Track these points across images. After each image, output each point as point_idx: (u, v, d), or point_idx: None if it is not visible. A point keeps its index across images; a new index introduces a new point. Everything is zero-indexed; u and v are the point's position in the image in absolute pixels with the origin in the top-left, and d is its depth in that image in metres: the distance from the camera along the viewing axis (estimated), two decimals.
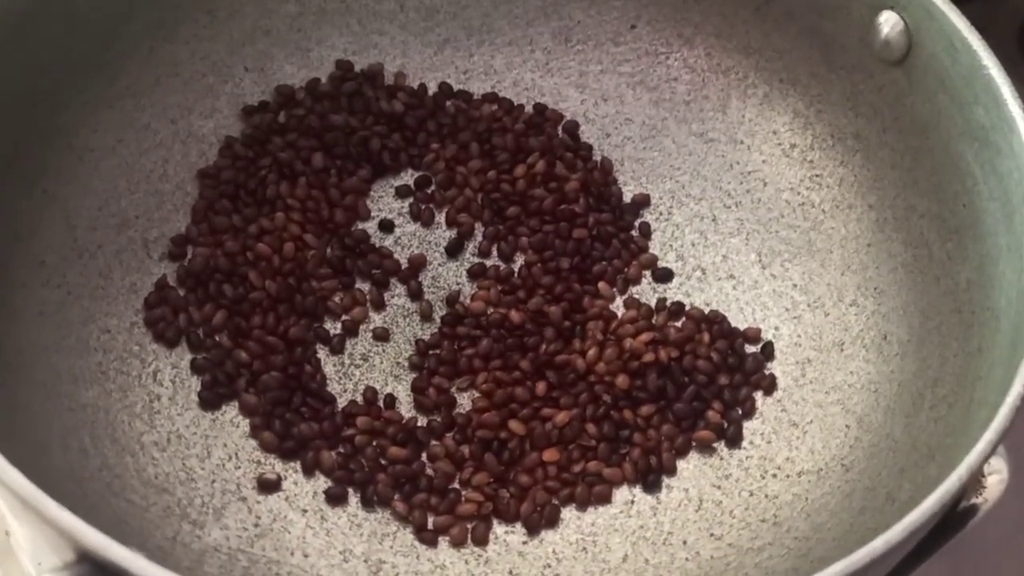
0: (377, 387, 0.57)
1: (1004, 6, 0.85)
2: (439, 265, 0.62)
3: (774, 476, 0.55)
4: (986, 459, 0.41)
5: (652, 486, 0.55)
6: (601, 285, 0.61)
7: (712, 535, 0.53)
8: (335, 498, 0.54)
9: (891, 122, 0.58)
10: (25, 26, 0.54)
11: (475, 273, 0.61)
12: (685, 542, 0.53)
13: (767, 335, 0.59)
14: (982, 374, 0.47)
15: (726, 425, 0.57)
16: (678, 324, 0.60)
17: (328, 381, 0.58)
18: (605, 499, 0.55)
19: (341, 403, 0.57)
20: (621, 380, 0.57)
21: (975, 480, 0.59)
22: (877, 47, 0.56)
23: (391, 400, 0.57)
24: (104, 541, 0.38)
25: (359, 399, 0.57)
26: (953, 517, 0.58)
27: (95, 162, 0.59)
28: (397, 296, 0.61)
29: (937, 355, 0.53)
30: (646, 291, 0.61)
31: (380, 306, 0.60)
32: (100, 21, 0.58)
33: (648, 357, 0.58)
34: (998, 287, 0.49)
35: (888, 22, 0.55)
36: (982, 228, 0.52)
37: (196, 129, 0.63)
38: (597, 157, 0.65)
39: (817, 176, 0.62)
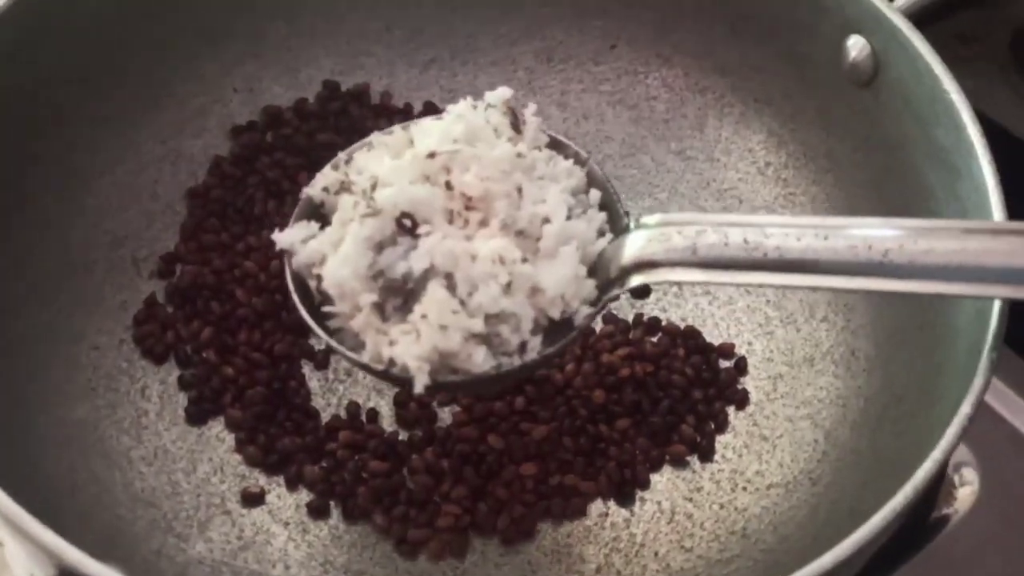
0: (360, 402, 0.59)
1: (996, 15, 0.86)
2: None
3: (744, 489, 0.56)
4: (934, 478, 0.43)
5: (626, 499, 0.56)
6: None
7: (683, 547, 0.55)
8: (317, 511, 0.56)
9: (861, 142, 0.59)
10: (20, 50, 0.56)
11: None
12: (656, 553, 0.55)
13: (741, 350, 0.61)
14: (941, 391, 0.49)
15: (699, 439, 0.58)
16: (654, 339, 0.61)
17: (312, 396, 0.59)
18: (580, 512, 0.56)
19: (325, 417, 0.58)
20: (598, 394, 0.58)
21: (947, 492, 0.60)
22: (846, 69, 0.58)
23: (373, 414, 0.59)
24: (81, 558, 0.40)
25: (342, 413, 0.59)
26: (925, 527, 0.59)
27: (87, 182, 0.61)
28: None
29: (902, 371, 0.54)
30: (624, 306, 0.63)
31: None
32: (92, 45, 0.59)
33: (624, 372, 0.59)
34: (957, 306, 0.50)
35: (856, 46, 0.57)
36: None
37: (186, 149, 0.64)
38: None
39: (791, 194, 0.64)
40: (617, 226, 0.47)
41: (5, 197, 0.56)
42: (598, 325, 0.62)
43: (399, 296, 0.44)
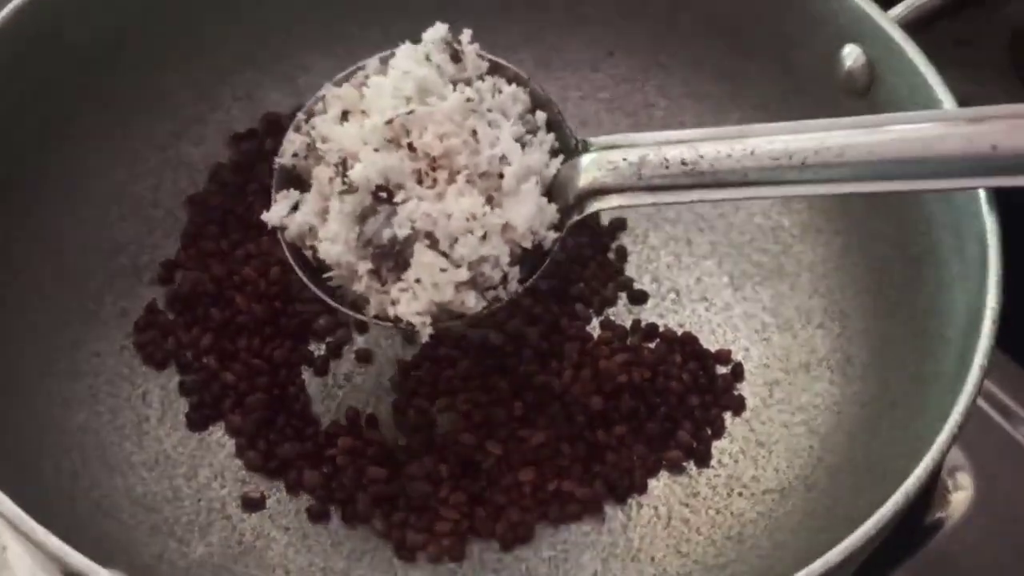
0: (359, 407, 0.59)
1: (994, 18, 0.86)
2: None
3: (740, 494, 0.57)
4: (925, 484, 0.43)
5: (623, 503, 0.57)
6: (578, 307, 0.63)
7: (679, 552, 0.55)
8: (317, 516, 0.56)
9: None
10: (19, 60, 0.56)
11: None
12: (653, 558, 0.55)
13: (737, 356, 0.61)
14: (933, 400, 0.49)
15: (696, 444, 0.58)
16: (651, 346, 0.62)
17: (312, 401, 0.60)
18: (577, 517, 0.57)
19: (324, 423, 0.59)
20: (595, 401, 0.59)
21: (941, 496, 0.61)
22: (841, 79, 0.58)
23: (373, 420, 0.59)
24: (87, 564, 0.40)
25: (342, 419, 0.59)
26: (919, 531, 0.59)
27: (87, 190, 0.61)
28: None
29: (895, 378, 0.55)
30: (622, 313, 0.63)
31: (363, 328, 0.62)
32: (90, 52, 0.60)
33: (622, 378, 0.59)
34: (949, 315, 0.51)
35: (851, 55, 0.57)
36: (937, 257, 0.54)
37: (185, 156, 0.65)
38: None
39: (786, 200, 0.64)
40: (567, 145, 0.52)
41: (5, 206, 0.57)
42: (595, 331, 0.62)
43: (391, 258, 0.49)
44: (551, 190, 0.51)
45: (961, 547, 0.59)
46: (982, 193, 0.50)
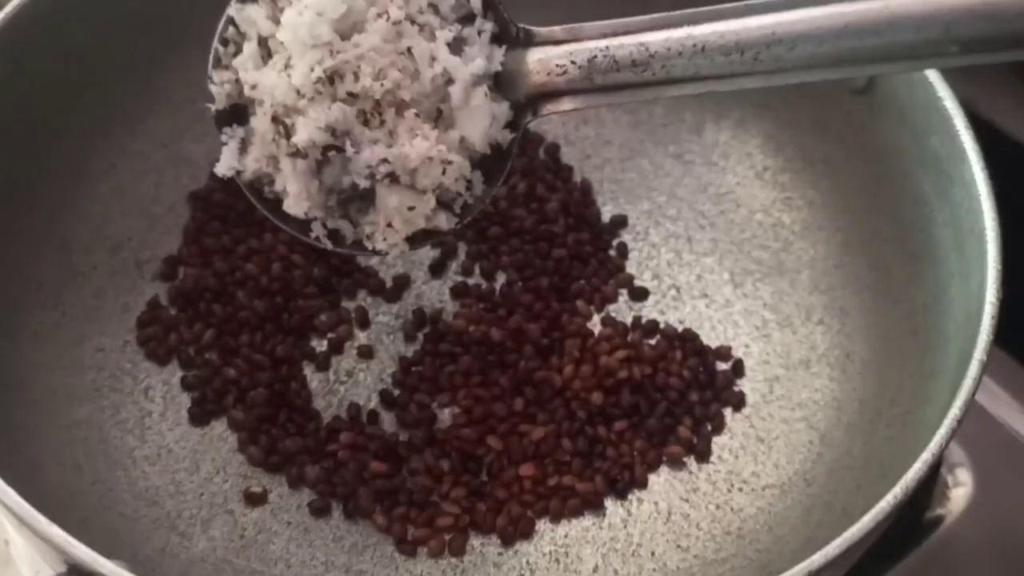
0: (361, 403, 0.60)
1: None
2: (423, 283, 0.64)
3: (740, 490, 0.57)
4: (924, 479, 0.43)
5: (623, 495, 0.57)
6: (579, 303, 0.63)
7: (679, 547, 0.56)
8: (318, 511, 0.56)
9: (857, 148, 0.60)
10: (22, 58, 0.57)
11: (458, 292, 0.63)
12: (653, 553, 0.55)
13: (737, 353, 0.61)
14: (932, 396, 0.49)
15: (695, 440, 0.59)
16: (652, 342, 0.62)
17: (313, 397, 0.60)
18: (578, 512, 0.57)
19: (326, 418, 0.59)
20: (596, 396, 0.59)
21: (941, 492, 0.61)
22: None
23: (374, 416, 0.59)
24: (91, 555, 0.41)
25: (343, 415, 0.59)
26: (919, 527, 0.60)
27: (90, 187, 0.62)
28: (381, 314, 0.63)
29: (895, 375, 0.55)
30: (622, 309, 0.63)
31: (365, 324, 0.62)
32: (94, 52, 0.60)
33: (622, 374, 0.60)
34: (948, 312, 0.51)
35: None
36: (937, 254, 0.54)
37: (187, 153, 0.65)
38: (577, 178, 0.67)
39: (788, 198, 0.64)
40: (507, 31, 0.47)
41: (9, 203, 0.57)
42: (596, 328, 0.62)
43: (355, 200, 0.47)
44: (499, 82, 0.47)
45: (961, 543, 0.60)
46: (982, 190, 0.50)
